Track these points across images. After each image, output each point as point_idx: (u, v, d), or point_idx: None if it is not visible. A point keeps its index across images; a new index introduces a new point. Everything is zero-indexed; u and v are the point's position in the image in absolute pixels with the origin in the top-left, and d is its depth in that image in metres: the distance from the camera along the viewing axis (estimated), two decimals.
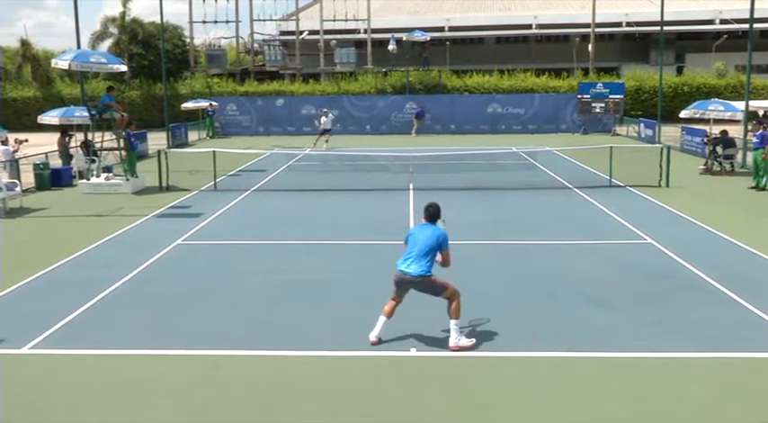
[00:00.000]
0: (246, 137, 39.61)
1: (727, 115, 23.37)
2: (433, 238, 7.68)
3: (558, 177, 20.97)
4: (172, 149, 26.35)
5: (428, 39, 44.25)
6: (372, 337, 7.80)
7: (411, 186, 18.90)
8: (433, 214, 7.92)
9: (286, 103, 41.63)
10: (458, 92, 44.45)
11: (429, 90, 44.28)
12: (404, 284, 7.77)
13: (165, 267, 11.28)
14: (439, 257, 7.77)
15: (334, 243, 12.88)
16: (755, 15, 23.47)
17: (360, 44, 49.10)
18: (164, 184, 19.64)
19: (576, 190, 18.59)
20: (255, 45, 52.10)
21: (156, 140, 30.75)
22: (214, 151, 20.73)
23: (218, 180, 20.12)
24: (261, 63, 49.51)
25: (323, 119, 31.88)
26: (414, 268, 7.63)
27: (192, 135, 37.78)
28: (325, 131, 31.46)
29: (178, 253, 12.22)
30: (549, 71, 47.47)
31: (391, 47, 43.96)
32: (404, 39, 44.73)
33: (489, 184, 19.62)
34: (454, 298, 7.72)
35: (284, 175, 22.87)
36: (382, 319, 7.84)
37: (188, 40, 50.41)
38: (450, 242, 7.75)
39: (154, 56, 46.50)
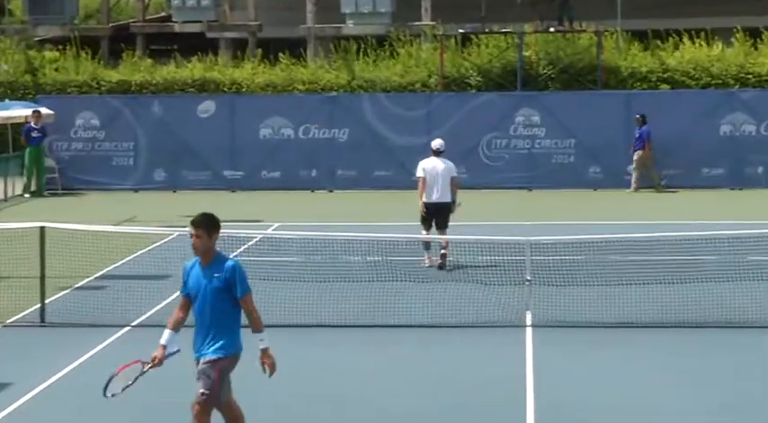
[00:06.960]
0: (122, 193, 24.79)
1: None
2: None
3: None
4: None
5: None
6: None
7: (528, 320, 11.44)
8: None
9: (222, 110, 27.44)
10: (636, 82, 26.92)
11: (573, 78, 27.28)
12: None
13: None
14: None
15: None
16: None
17: None
18: None
19: None
20: None
21: None
22: (42, 228, 13.33)
23: (48, 301, 13.02)
24: (163, 15, 34.11)
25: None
26: None
27: None
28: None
29: None
30: None
31: None
32: None
33: (705, 320, 11.53)
34: None
35: None
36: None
37: None
38: None
39: None
